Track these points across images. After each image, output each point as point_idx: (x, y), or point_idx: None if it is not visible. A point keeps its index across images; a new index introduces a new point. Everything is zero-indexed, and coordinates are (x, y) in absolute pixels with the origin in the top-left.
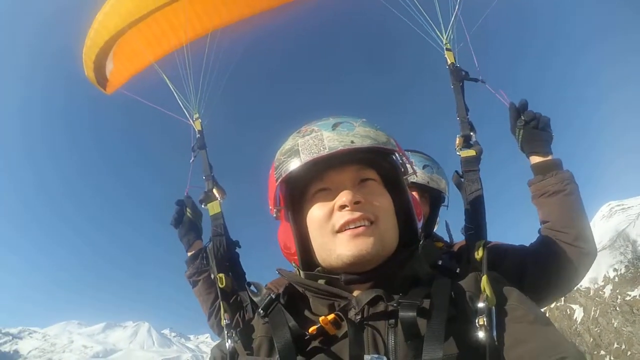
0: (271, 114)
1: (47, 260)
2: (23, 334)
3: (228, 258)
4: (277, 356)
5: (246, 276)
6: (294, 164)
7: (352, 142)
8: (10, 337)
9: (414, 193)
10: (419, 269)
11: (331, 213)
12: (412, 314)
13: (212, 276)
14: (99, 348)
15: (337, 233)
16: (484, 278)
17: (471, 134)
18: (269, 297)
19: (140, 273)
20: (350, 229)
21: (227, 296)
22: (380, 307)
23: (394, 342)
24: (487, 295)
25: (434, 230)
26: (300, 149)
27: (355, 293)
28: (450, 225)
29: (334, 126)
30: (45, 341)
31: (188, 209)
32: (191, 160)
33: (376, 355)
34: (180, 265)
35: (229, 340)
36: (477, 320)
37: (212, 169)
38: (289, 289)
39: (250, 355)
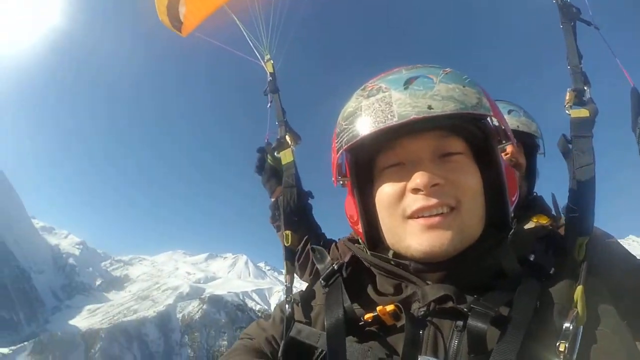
0: (350, 55)
1: (157, 195)
2: (133, 260)
3: (298, 211)
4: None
5: (319, 229)
6: (356, 134)
7: (430, 107)
8: (122, 264)
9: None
10: (505, 263)
11: (403, 194)
12: (483, 326)
13: (280, 232)
14: (201, 275)
15: (408, 219)
16: (579, 289)
17: (585, 88)
18: (331, 267)
19: (242, 209)
20: (424, 217)
21: (292, 255)
22: (450, 304)
23: (456, 348)
24: (577, 312)
25: (534, 186)
26: (363, 114)
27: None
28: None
29: (407, 83)
30: (153, 267)
31: (269, 156)
32: (268, 105)
33: (432, 359)
34: None
35: (287, 305)
36: (557, 345)
37: (285, 113)
38: (355, 259)
39: (307, 324)
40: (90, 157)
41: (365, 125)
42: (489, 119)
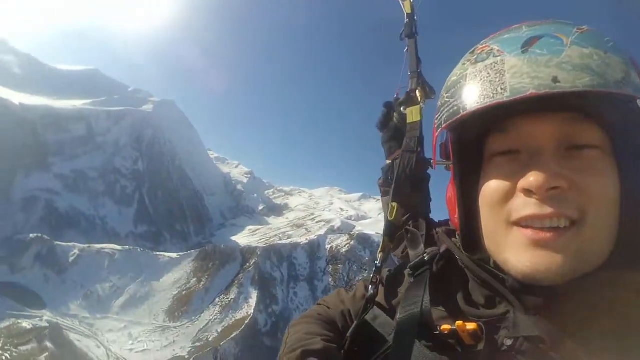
0: None
1: (321, 134)
2: (294, 192)
3: (413, 181)
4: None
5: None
6: (457, 110)
7: (555, 79)
8: (283, 193)
9: None
10: (628, 307)
11: (512, 193)
12: None
13: (385, 197)
14: (353, 213)
15: (513, 226)
16: None
17: None
18: (421, 257)
19: None
20: (533, 228)
21: (393, 231)
22: (542, 346)
23: None
24: None
25: None
26: (467, 84)
27: (523, 302)
28: None
29: (527, 45)
30: (310, 200)
31: (395, 114)
32: (405, 50)
33: None
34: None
35: (371, 287)
36: None
37: (420, 63)
38: (451, 253)
39: (387, 311)
40: (259, 97)
41: (468, 99)
42: (638, 101)
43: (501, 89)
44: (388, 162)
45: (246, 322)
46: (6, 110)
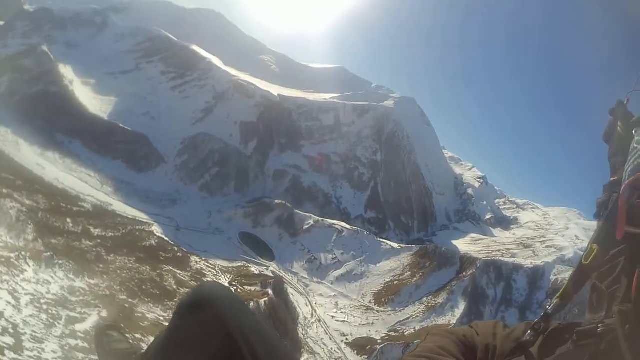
0: None
1: (567, 146)
2: (526, 206)
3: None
4: None
5: None
6: (638, 165)
7: None
8: (515, 206)
9: None
10: None
11: None
12: None
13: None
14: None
15: None
16: None
17: None
18: (594, 327)
19: None
20: None
21: (581, 278)
22: None
23: None
24: None
25: None
26: None
27: None
28: None
29: None
30: (543, 219)
31: (620, 123)
32: None
33: None
34: None
35: (530, 332)
36: None
37: None
38: None
39: None
40: (502, 102)
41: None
42: None
43: None
44: (611, 179)
45: None
46: (268, 100)
